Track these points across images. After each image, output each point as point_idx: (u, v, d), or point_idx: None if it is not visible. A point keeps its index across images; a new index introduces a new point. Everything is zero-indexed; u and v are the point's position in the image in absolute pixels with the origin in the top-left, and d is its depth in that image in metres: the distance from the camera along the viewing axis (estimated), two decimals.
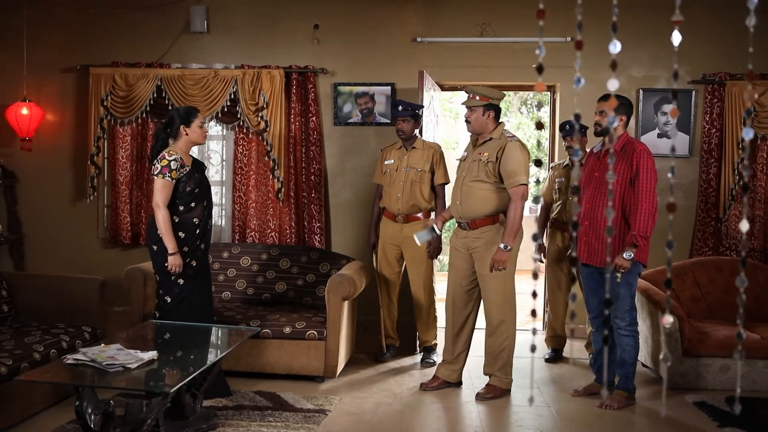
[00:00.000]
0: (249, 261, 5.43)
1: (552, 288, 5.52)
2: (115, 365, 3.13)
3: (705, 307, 5.22)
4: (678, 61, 5.99)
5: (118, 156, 6.19)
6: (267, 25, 6.25)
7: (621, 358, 4.39)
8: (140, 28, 6.28)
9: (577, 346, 5.70)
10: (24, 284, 4.70)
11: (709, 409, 4.31)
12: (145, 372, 3.19)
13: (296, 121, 6.14)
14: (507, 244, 4.25)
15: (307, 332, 4.66)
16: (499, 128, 4.49)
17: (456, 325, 4.66)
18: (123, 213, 6.19)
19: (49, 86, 6.32)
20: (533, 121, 14.68)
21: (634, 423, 4.16)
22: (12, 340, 4.00)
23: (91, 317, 4.60)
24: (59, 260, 6.27)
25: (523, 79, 6.18)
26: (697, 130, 6.03)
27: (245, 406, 4.16)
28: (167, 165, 4.13)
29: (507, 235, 4.28)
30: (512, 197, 4.32)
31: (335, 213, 6.28)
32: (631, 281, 4.32)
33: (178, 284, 4.21)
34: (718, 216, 5.95)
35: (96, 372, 3.12)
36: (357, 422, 4.03)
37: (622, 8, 6.06)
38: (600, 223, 4.34)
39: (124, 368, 3.14)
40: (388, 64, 6.17)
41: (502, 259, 4.25)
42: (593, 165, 4.48)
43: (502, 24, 6.12)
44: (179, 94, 6.09)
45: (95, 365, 3.15)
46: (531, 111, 14.98)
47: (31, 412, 3.92)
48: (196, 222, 4.25)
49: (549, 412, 4.29)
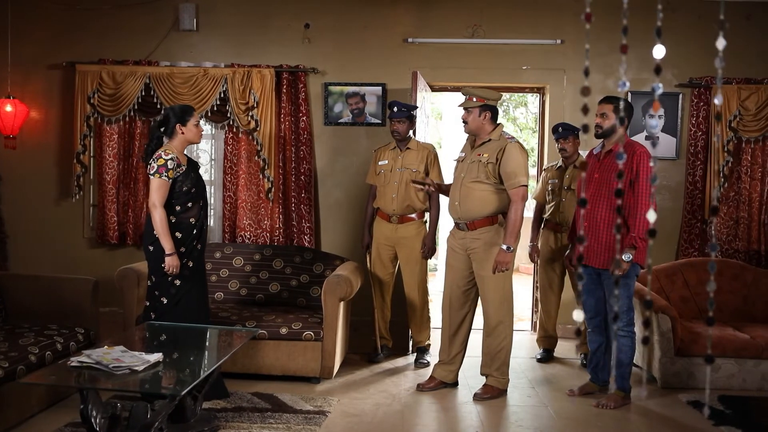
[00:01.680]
0: (242, 261, 5.38)
1: (544, 288, 5.56)
2: (122, 368, 3.09)
3: (694, 308, 5.30)
4: (665, 65, 6.10)
5: (105, 154, 6.10)
6: (257, 23, 6.20)
7: (618, 359, 4.44)
8: (128, 25, 6.20)
9: (568, 346, 5.75)
10: (14, 285, 4.61)
11: (702, 408, 4.37)
12: (152, 374, 3.14)
13: (286, 120, 6.11)
14: (509, 245, 4.28)
15: (304, 333, 4.64)
16: (498, 129, 4.51)
17: (452, 326, 4.67)
18: (110, 212, 6.11)
19: (34, 83, 6.21)
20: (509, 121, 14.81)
21: (632, 422, 4.21)
22: (6, 342, 3.92)
23: (83, 318, 4.53)
24: (43, 260, 6.17)
25: (514, 81, 6.21)
26: (683, 133, 6.12)
27: (244, 408, 4.12)
28: (164, 164, 4.07)
29: (508, 236, 4.30)
30: (512, 198, 4.34)
31: (325, 213, 6.26)
32: (629, 282, 4.37)
33: (175, 285, 4.15)
34: (704, 217, 6.05)
35: (102, 374, 3.07)
36: (358, 423, 4.02)
37: (611, 12, 6.07)
38: (599, 225, 4.38)
39: (131, 371, 3.09)
40: (379, 64, 6.16)
41: (505, 260, 4.27)
42: (593, 166, 4.51)
43: (493, 25, 6.15)
44: (168, 92, 6.02)
45: (101, 368, 3.09)
46: (507, 112, 15.10)
47: (27, 415, 3.85)
48: (193, 222, 4.20)
49: (547, 412, 4.32)
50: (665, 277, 5.38)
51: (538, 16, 6.14)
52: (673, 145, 6.12)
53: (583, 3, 5.70)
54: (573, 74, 6.16)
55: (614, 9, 5.99)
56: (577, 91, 6.16)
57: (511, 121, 14.86)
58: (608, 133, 4.46)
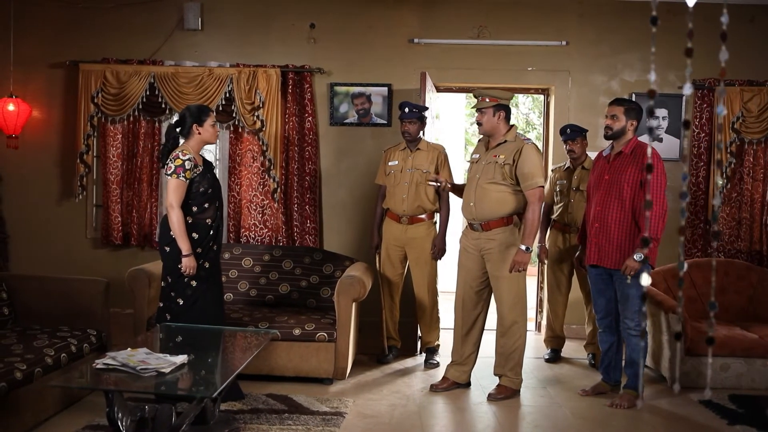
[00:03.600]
0: (251, 262, 5.36)
1: (551, 289, 5.59)
2: (149, 370, 3.06)
3: (701, 307, 5.35)
4: (667, 68, 6.15)
5: (109, 154, 6.05)
6: (262, 23, 6.18)
7: (630, 358, 4.47)
8: (132, 24, 6.16)
9: (575, 347, 5.78)
10: (23, 286, 4.55)
11: (715, 407, 4.41)
12: (180, 376, 3.12)
13: (291, 120, 6.09)
14: (527, 245, 4.30)
15: (317, 334, 4.63)
16: (513, 131, 4.52)
17: (465, 326, 4.68)
18: (114, 213, 6.06)
19: (36, 82, 6.15)
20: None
21: (647, 422, 4.24)
22: (20, 345, 3.86)
23: (94, 320, 4.47)
24: (45, 261, 6.11)
25: (519, 82, 6.23)
26: (687, 134, 6.17)
27: (261, 410, 4.10)
28: (181, 165, 4.04)
29: (526, 236, 4.33)
30: (530, 199, 4.36)
31: (329, 214, 6.24)
32: (640, 282, 4.39)
33: (191, 286, 4.13)
34: (707, 218, 6.11)
35: (130, 377, 3.04)
36: (376, 424, 4.02)
37: (615, 14, 6.20)
38: (610, 225, 4.41)
39: (158, 373, 3.07)
40: (384, 64, 6.16)
41: (524, 260, 4.29)
42: (603, 168, 4.54)
43: (498, 27, 6.16)
44: (173, 92, 5.98)
45: (128, 370, 3.07)
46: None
47: (42, 417, 3.81)
48: (209, 223, 4.18)
49: (562, 412, 4.34)
50: (672, 277, 5.42)
51: (542, 17, 6.16)
52: (677, 146, 6.17)
53: (587, 5, 5.78)
54: (578, 75, 6.19)
55: (617, 10, 6.11)
56: (582, 92, 6.20)
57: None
58: (618, 134, 4.48)
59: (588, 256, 4.57)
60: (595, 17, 6.16)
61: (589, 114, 6.13)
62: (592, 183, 4.59)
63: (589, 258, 4.55)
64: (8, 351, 3.73)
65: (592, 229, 4.49)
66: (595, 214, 4.48)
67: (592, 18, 6.16)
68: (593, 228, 4.48)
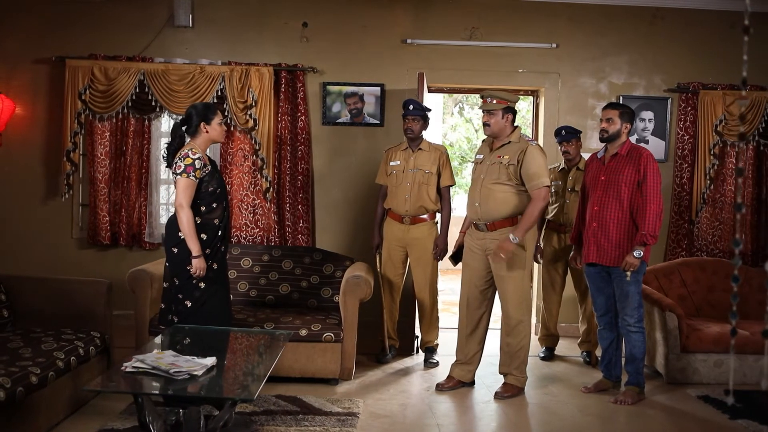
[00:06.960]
0: (250, 262, 5.30)
1: (546, 288, 5.66)
2: (182, 372, 3.01)
3: (692, 305, 5.49)
4: (653, 71, 6.29)
5: (97, 153, 5.93)
6: (254, 21, 6.12)
7: (631, 354, 4.57)
8: (120, 20, 6.03)
9: (568, 345, 5.88)
10: (23, 287, 4.42)
11: (714, 402, 4.55)
12: (213, 378, 3.08)
13: (284, 119, 6.05)
14: (517, 236, 4.35)
15: (324, 334, 4.61)
16: (517, 132, 4.58)
17: (470, 326, 4.72)
18: (102, 212, 5.94)
19: (20, 77, 5.98)
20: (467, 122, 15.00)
21: (653, 417, 4.33)
22: (29, 348, 3.75)
23: (96, 322, 4.37)
24: (29, 260, 5.95)
25: (509, 83, 6.28)
26: (672, 137, 6.33)
27: (274, 411, 4.07)
28: (191, 164, 3.99)
29: (519, 228, 4.39)
30: (534, 198, 4.41)
31: (321, 213, 6.22)
32: (639, 279, 4.52)
33: (200, 287, 4.07)
34: (691, 218, 6.27)
35: (162, 380, 2.98)
36: (392, 423, 4.02)
37: (603, 18, 6.32)
38: (608, 224, 4.51)
39: (190, 375, 3.02)
40: (377, 64, 6.17)
41: (507, 247, 4.35)
42: (598, 169, 4.64)
43: (490, 28, 6.22)
44: (164, 89, 5.88)
45: (159, 373, 3.01)
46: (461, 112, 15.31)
47: (54, 422, 3.72)
48: (217, 223, 4.14)
49: (569, 410, 4.40)
50: (663, 276, 5.55)
51: (533, 20, 6.24)
52: (662, 148, 6.32)
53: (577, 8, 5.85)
54: (567, 77, 6.29)
55: (606, 15, 6.23)
56: (571, 94, 6.30)
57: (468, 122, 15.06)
58: (614, 137, 4.60)
59: (586, 255, 4.65)
60: (585, 21, 6.27)
61: (578, 116, 6.23)
62: (588, 184, 4.71)
63: (587, 256, 4.64)
64: (18, 355, 3.62)
65: (590, 229, 4.59)
66: (593, 214, 4.58)
67: (582, 21, 6.27)
68: (591, 227, 4.58)
